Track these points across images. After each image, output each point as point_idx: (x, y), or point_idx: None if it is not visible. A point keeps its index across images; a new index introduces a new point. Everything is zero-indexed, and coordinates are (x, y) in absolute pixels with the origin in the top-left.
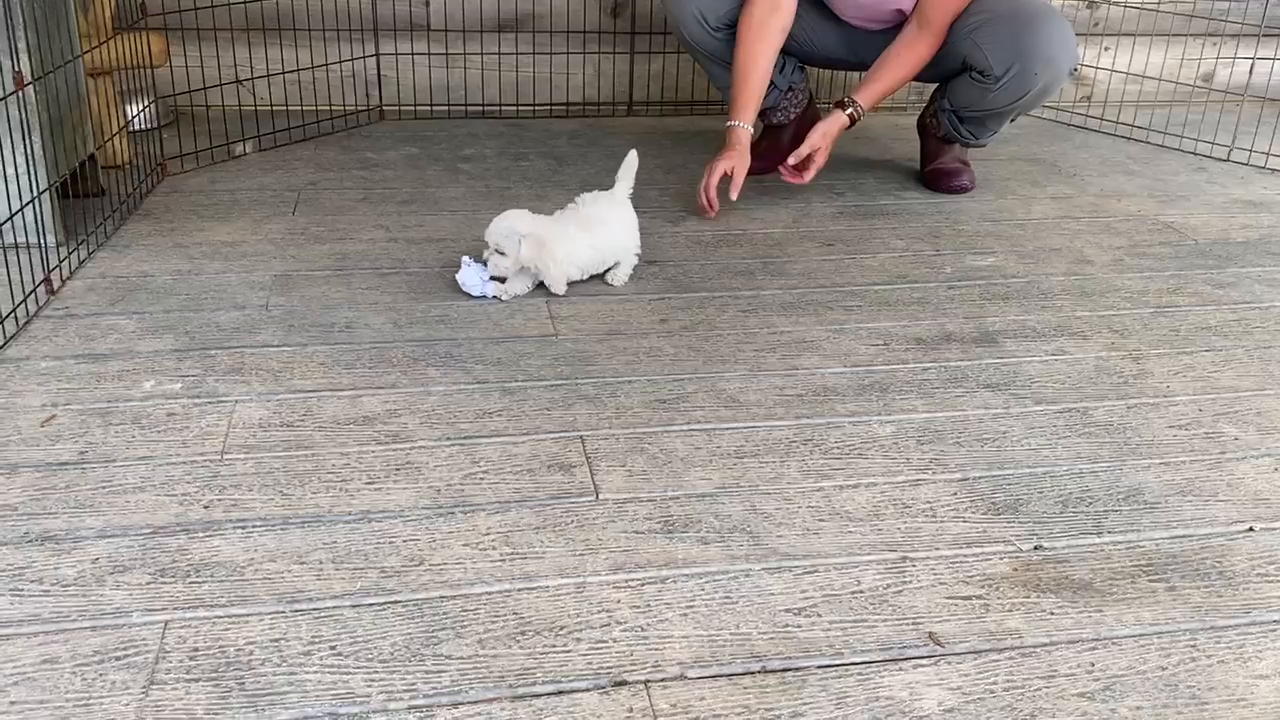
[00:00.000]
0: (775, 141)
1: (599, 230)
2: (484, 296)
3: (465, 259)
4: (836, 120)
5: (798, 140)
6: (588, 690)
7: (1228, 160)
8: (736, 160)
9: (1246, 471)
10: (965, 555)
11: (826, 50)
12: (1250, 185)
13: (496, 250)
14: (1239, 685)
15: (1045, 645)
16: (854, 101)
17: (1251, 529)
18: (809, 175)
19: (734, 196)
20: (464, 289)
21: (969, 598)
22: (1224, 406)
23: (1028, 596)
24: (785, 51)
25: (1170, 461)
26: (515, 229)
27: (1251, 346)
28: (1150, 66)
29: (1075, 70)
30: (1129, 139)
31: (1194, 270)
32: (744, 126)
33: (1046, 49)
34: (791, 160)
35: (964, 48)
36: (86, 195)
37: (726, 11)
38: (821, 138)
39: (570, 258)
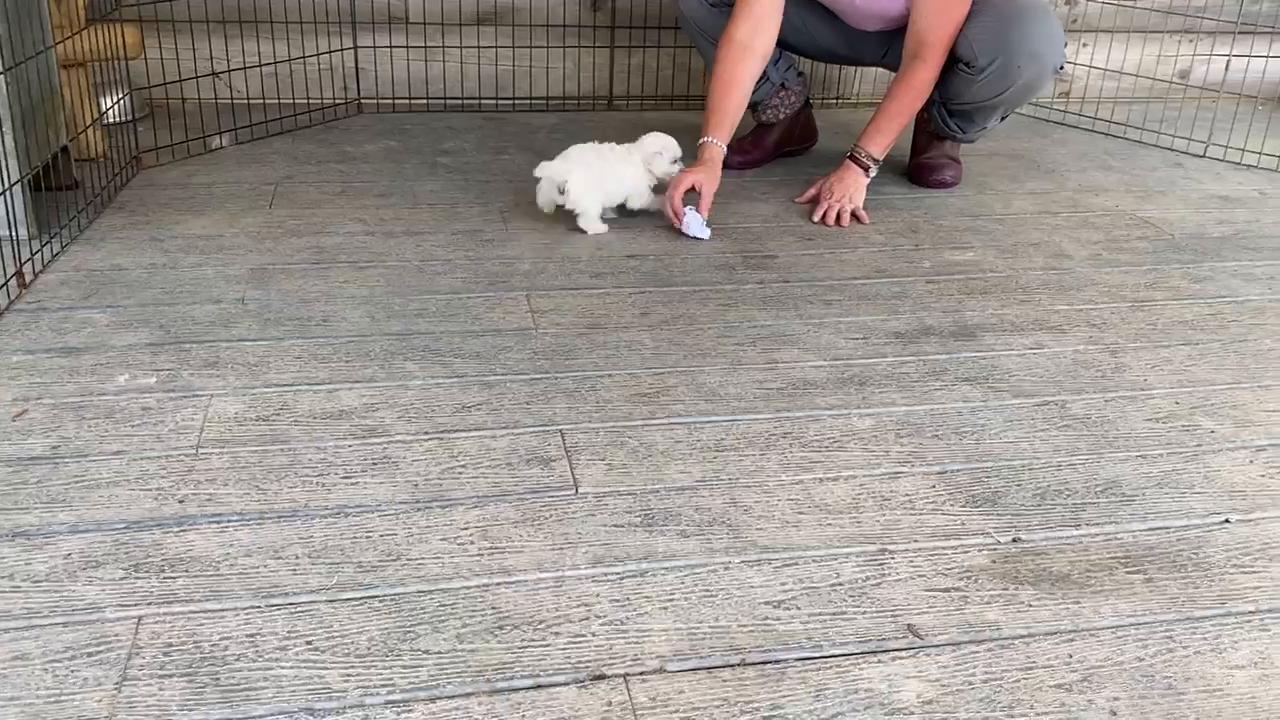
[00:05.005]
0: (760, 139)
1: (613, 169)
2: (699, 238)
3: (689, 209)
4: (849, 169)
5: (784, 142)
6: (566, 684)
7: (1204, 156)
8: (705, 175)
9: (1222, 464)
10: (944, 548)
11: (825, 44)
12: (1226, 181)
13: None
14: (1215, 675)
15: (1023, 637)
16: (863, 150)
17: (1227, 521)
18: (845, 222)
19: (703, 215)
20: (689, 233)
21: (948, 590)
22: (1200, 399)
23: (1006, 588)
24: (782, 44)
25: (1147, 454)
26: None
27: (1227, 340)
28: (1128, 63)
29: (1060, 68)
30: (1107, 135)
31: (1171, 265)
32: (715, 143)
33: (1032, 43)
34: (800, 198)
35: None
36: (60, 188)
37: None
38: (837, 182)
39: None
